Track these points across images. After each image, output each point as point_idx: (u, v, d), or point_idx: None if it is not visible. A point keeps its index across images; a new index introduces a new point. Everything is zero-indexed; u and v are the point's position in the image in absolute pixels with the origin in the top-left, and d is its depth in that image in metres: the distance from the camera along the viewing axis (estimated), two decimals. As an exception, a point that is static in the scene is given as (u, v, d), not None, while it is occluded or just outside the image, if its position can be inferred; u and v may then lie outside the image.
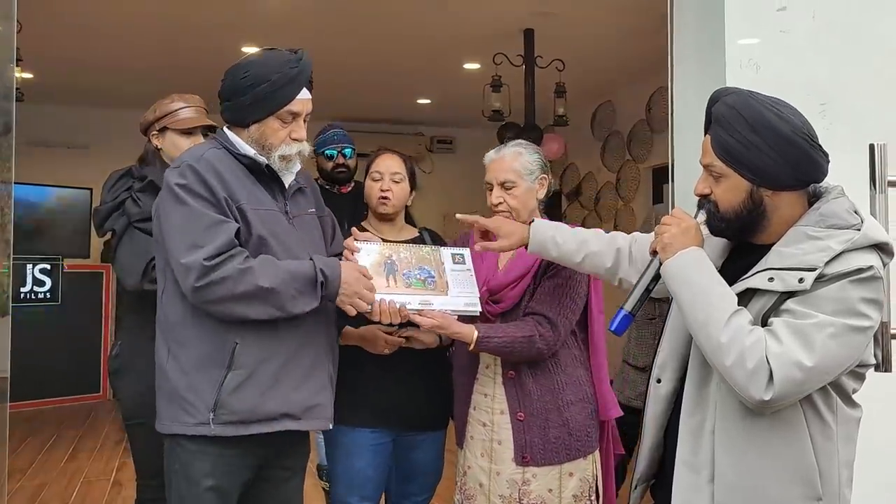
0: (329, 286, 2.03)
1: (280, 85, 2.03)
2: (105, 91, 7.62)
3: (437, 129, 9.64)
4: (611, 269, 2.02)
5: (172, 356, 2.02)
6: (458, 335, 2.25)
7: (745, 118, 1.57)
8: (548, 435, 2.29)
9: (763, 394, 1.46)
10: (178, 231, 1.96)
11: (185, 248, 1.93)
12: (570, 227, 2.14)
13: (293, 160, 2.12)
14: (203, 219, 1.95)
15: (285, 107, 2.06)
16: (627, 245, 2.02)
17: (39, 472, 5.16)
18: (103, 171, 9.15)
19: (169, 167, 2.07)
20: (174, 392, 2.00)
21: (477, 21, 5.64)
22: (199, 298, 1.93)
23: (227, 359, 1.98)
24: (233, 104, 2.07)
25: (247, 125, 2.08)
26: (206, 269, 1.90)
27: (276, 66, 2.03)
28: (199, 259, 1.90)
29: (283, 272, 1.97)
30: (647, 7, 4.90)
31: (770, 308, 1.54)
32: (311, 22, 5.65)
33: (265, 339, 2.01)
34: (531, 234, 2.12)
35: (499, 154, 2.43)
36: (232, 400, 1.97)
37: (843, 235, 1.53)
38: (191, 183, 1.97)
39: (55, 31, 5.67)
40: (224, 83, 2.08)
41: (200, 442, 2.00)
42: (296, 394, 2.05)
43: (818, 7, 2.46)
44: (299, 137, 2.10)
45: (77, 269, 7.50)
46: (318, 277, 2.00)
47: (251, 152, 2.08)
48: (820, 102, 2.39)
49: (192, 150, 2.13)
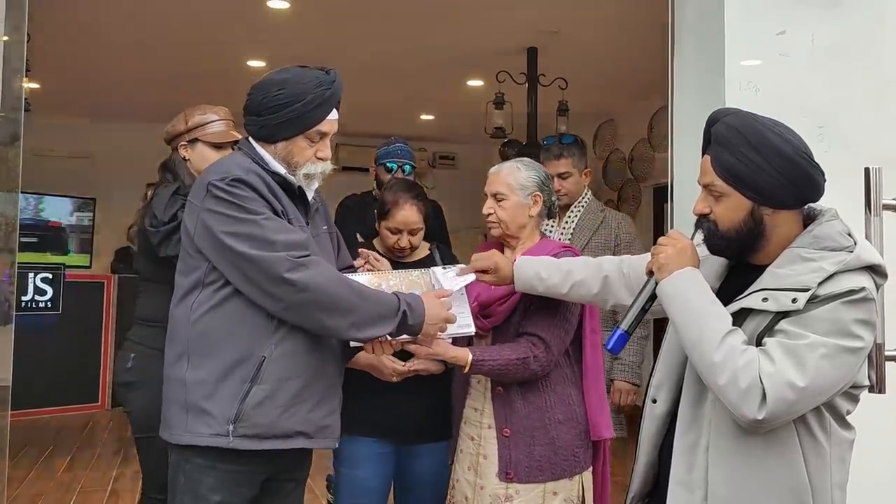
0: (413, 316, 2.04)
1: (314, 105, 2.04)
2: (108, 102, 7.67)
3: (440, 144, 9.70)
4: (599, 295, 2.04)
5: (192, 366, 2.00)
6: (454, 359, 2.26)
7: (747, 138, 1.59)
8: (533, 452, 2.29)
9: (756, 413, 1.47)
10: (248, 237, 1.92)
11: (261, 249, 1.91)
12: (555, 259, 2.18)
13: (315, 179, 2.13)
14: (273, 223, 1.95)
15: (315, 127, 2.07)
16: (616, 268, 2.04)
17: (36, 482, 5.15)
18: (106, 180, 9.19)
19: (211, 178, 2.00)
20: (190, 402, 1.99)
21: (481, 39, 5.68)
22: (283, 294, 1.91)
23: (252, 372, 1.97)
24: (263, 120, 2.06)
25: (274, 142, 2.08)
26: (295, 264, 1.89)
27: (311, 86, 2.03)
28: (283, 254, 1.90)
29: (368, 294, 2.01)
30: (649, 27, 4.93)
31: (764, 328, 1.56)
32: (314, 37, 5.70)
33: (290, 358, 2.01)
34: (515, 272, 2.17)
35: (498, 168, 2.48)
36: (254, 413, 1.97)
37: (835, 257, 1.55)
38: (245, 192, 1.96)
39: (60, 41, 5.71)
40: (253, 98, 2.06)
41: (210, 456, 1.99)
42: (312, 414, 2.06)
43: (817, 31, 2.49)
44: (324, 157, 2.12)
45: (78, 278, 7.51)
46: (401, 307, 2.02)
47: (282, 171, 2.07)
48: (818, 125, 2.41)
49: (230, 161, 2.09)
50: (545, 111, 6.09)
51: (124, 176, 8.13)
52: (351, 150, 9.26)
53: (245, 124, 2.12)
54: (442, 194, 9.28)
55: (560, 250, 2.41)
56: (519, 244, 2.46)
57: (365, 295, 2.00)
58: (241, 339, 1.98)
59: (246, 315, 1.98)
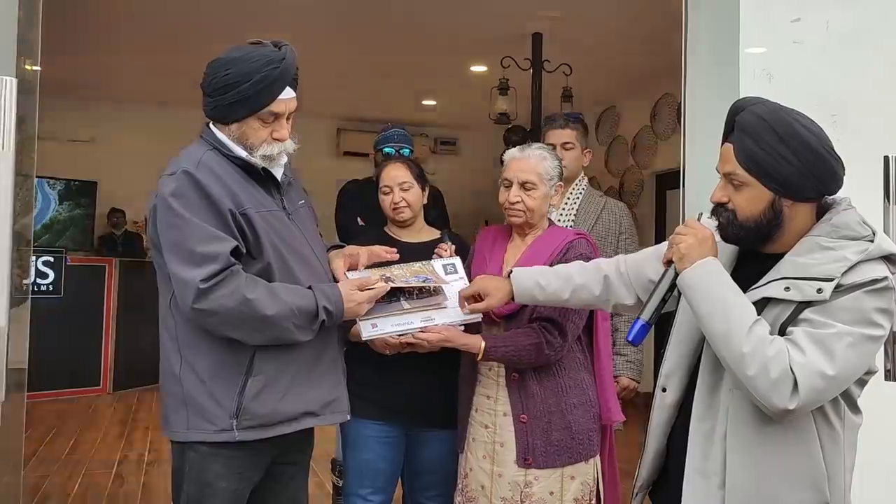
0: (332, 319, 2.03)
1: (262, 86, 1.96)
2: (109, 85, 7.64)
3: (441, 130, 9.67)
4: (601, 297, 2.02)
5: (187, 364, 1.99)
6: (466, 346, 2.27)
7: (774, 129, 1.58)
8: (550, 437, 2.30)
9: (787, 403, 1.48)
10: (175, 245, 1.91)
11: (182, 264, 1.89)
12: (549, 267, 2.15)
13: (277, 159, 2.08)
14: (199, 232, 1.90)
15: (266, 107, 1.99)
16: (614, 269, 2.02)
17: (41, 465, 5.16)
18: (108, 163, 9.17)
19: (163, 174, 1.99)
20: (190, 399, 1.98)
21: (485, 24, 5.66)
22: (196, 318, 1.92)
23: (245, 365, 1.97)
24: (214, 101, 2.00)
25: (227, 123, 2.02)
26: (202, 291, 1.86)
27: (259, 65, 1.95)
28: (196, 280, 1.86)
29: (283, 306, 1.94)
30: (655, 15, 4.92)
31: (788, 318, 1.56)
32: (318, 22, 5.66)
33: (283, 347, 2.00)
34: (514, 284, 2.13)
35: (523, 153, 2.42)
36: (254, 405, 1.97)
37: (857, 246, 1.55)
38: (186, 192, 1.92)
39: (60, 23, 5.67)
40: (206, 78, 2.00)
41: (216, 445, 1.99)
42: (314, 391, 2.06)
43: (832, 18, 2.48)
44: (281, 137, 2.04)
45: (80, 262, 7.50)
46: (319, 315, 1.99)
47: (243, 154, 2.02)
48: (832, 113, 2.40)
49: (186, 153, 2.03)
50: (549, 97, 6.07)
51: (125, 159, 8.14)
52: (353, 135, 9.25)
53: (202, 105, 2.04)
54: (443, 179, 9.32)
55: (574, 238, 2.41)
56: (532, 232, 2.45)
57: (281, 311, 1.93)
58: (226, 337, 1.97)
59: None
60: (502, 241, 2.52)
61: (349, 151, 9.13)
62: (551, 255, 2.37)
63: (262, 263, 2.00)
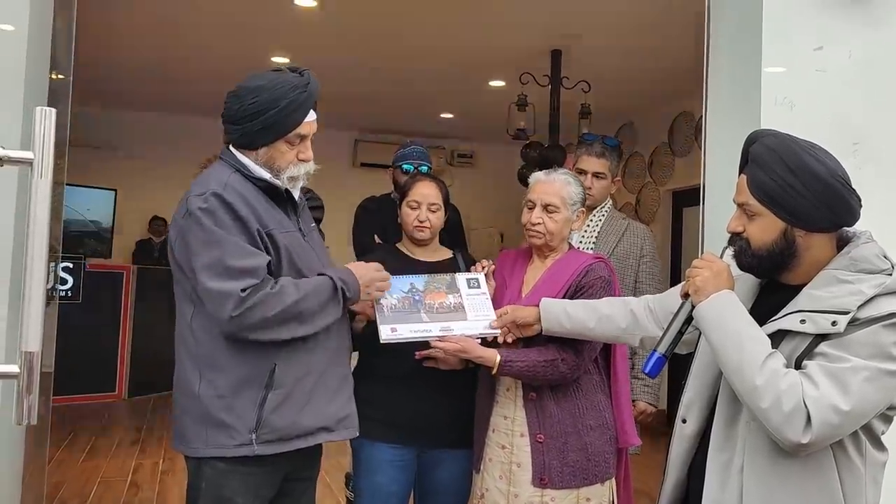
0: (350, 290, 2.11)
1: (291, 110, 2.05)
2: (131, 94, 7.72)
3: (458, 143, 9.70)
4: (626, 329, 2.06)
5: (206, 380, 2.02)
6: (481, 359, 2.29)
7: (784, 160, 1.61)
8: (566, 458, 2.31)
9: (801, 437, 1.48)
10: (211, 260, 1.95)
11: (218, 278, 1.94)
12: (577, 300, 2.24)
13: (300, 180, 2.16)
14: (236, 248, 1.96)
15: (294, 130, 2.08)
16: (642, 305, 2.06)
17: (57, 471, 5.19)
18: (130, 172, 9.22)
19: (190, 193, 2.04)
20: (208, 416, 2.01)
21: (505, 40, 5.69)
22: (235, 326, 1.96)
23: (265, 379, 2.01)
24: (241, 128, 2.07)
25: (255, 148, 2.09)
26: (241, 299, 1.92)
27: (284, 91, 2.03)
28: (237, 289, 1.92)
29: (305, 289, 2.02)
30: (673, 33, 4.94)
31: (804, 351, 1.57)
32: (339, 35, 5.72)
33: (301, 357, 2.05)
34: (542, 312, 2.21)
35: (549, 177, 2.47)
36: (274, 418, 2.01)
37: (874, 280, 1.56)
38: (217, 211, 1.98)
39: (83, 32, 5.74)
40: (230, 107, 2.08)
41: (232, 461, 2.01)
42: (329, 407, 2.10)
43: (854, 47, 2.49)
44: (306, 158, 2.14)
45: (98, 268, 7.57)
46: (337, 285, 2.08)
47: (266, 176, 2.09)
48: (853, 142, 2.42)
49: (212, 174, 2.09)
50: (567, 113, 6.09)
51: (146, 167, 8.22)
52: (370, 146, 9.30)
53: (225, 132, 2.12)
54: (459, 192, 9.37)
55: (593, 261, 2.43)
56: (551, 255, 2.48)
57: (304, 295, 2.02)
58: (246, 350, 2.01)
59: None
60: (522, 263, 2.55)
61: (366, 163, 9.18)
62: (570, 277, 2.39)
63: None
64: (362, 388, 2.61)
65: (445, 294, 2.39)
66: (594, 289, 2.35)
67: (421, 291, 2.38)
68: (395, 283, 2.36)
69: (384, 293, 2.31)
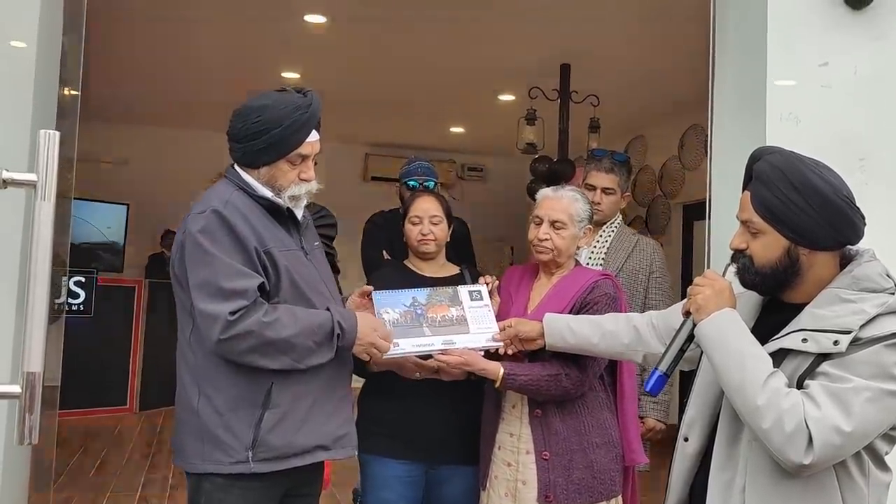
0: (345, 338, 2.08)
1: (292, 130, 2.06)
2: (143, 109, 7.78)
3: (469, 156, 9.73)
4: (630, 345, 2.05)
5: (204, 397, 2.04)
6: (484, 371, 2.29)
7: (787, 178, 1.60)
8: (571, 475, 2.30)
9: (803, 458, 1.47)
10: (203, 280, 1.97)
11: (209, 299, 1.96)
12: (580, 316, 2.24)
13: (302, 199, 2.17)
14: (227, 269, 1.97)
15: (295, 150, 2.10)
16: (646, 321, 2.06)
17: (67, 485, 5.21)
18: (142, 186, 9.26)
19: (192, 210, 2.07)
20: (206, 432, 2.02)
21: (514, 55, 5.71)
22: (221, 350, 1.97)
23: (262, 398, 2.02)
24: (244, 147, 2.09)
25: (257, 167, 2.11)
26: (229, 323, 1.93)
27: (288, 111, 2.06)
28: (224, 312, 1.93)
29: (302, 325, 2.01)
30: (682, 46, 4.94)
31: (806, 370, 1.56)
32: (348, 51, 5.76)
33: (299, 378, 2.05)
34: (545, 327, 2.21)
35: (556, 194, 2.48)
36: (270, 437, 2.01)
37: (876, 299, 1.55)
38: (215, 230, 1.99)
39: (96, 48, 5.81)
40: (234, 125, 2.10)
41: (231, 477, 2.02)
42: (327, 426, 2.10)
43: (860, 63, 2.49)
44: (308, 178, 2.15)
45: (110, 282, 7.62)
46: (335, 330, 2.06)
47: (269, 194, 2.11)
48: (859, 157, 2.41)
49: (214, 192, 2.12)
50: (576, 127, 6.10)
51: (158, 182, 8.27)
52: (380, 160, 9.33)
53: (229, 150, 2.15)
54: (470, 206, 9.40)
55: (599, 278, 2.43)
56: (558, 271, 2.48)
57: (300, 330, 2.00)
58: (245, 370, 2.02)
59: None
60: (528, 279, 2.55)
61: (377, 176, 9.21)
62: (575, 293, 2.39)
63: (279, 301, 2.05)
64: (371, 405, 2.61)
65: (448, 307, 2.39)
66: (599, 305, 2.35)
67: (423, 305, 2.38)
68: (397, 297, 2.37)
69: (386, 309, 2.32)
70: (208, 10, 5.04)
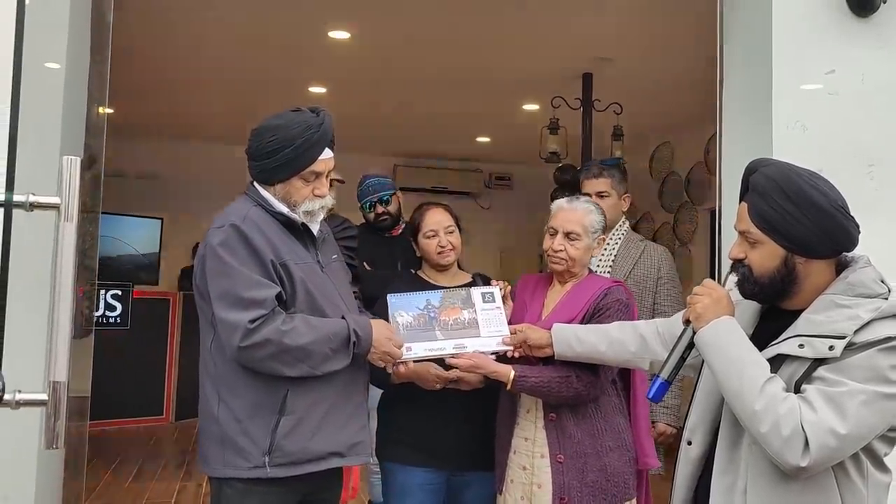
0: (361, 345, 2.18)
1: (304, 149, 2.17)
2: (174, 125, 7.95)
3: (495, 165, 9.77)
4: (636, 353, 2.11)
5: (224, 403, 2.14)
6: (496, 374, 2.35)
7: (783, 189, 1.65)
8: (585, 478, 2.34)
9: (800, 460, 1.51)
10: (223, 291, 2.08)
11: (229, 308, 2.06)
12: (587, 325, 2.30)
13: (317, 214, 2.27)
14: (246, 279, 2.07)
15: (308, 168, 2.20)
16: (652, 329, 2.11)
17: (105, 493, 5.35)
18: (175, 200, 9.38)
19: (213, 225, 2.18)
20: (226, 437, 2.12)
21: (537, 64, 5.75)
22: (242, 357, 2.07)
23: (278, 405, 2.11)
24: (259, 164, 2.21)
25: (272, 184, 2.22)
26: (249, 331, 2.03)
27: (299, 131, 2.16)
28: (244, 320, 2.03)
29: (319, 333, 2.11)
30: (703, 54, 4.94)
31: (802, 375, 1.59)
32: (373, 64, 5.84)
33: (314, 385, 2.14)
34: (553, 336, 2.27)
35: (571, 205, 2.52)
36: (285, 443, 2.10)
37: (870, 304, 1.59)
38: (233, 244, 2.10)
39: (127, 65, 5.97)
40: (251, 144, 2.21)
41: (250, 482, 2.12)
42: (341, 433, 2.19)
43: (867, 71, 2.50)
44: (321, 194, 2.25)
45: (146, 295, 7.79)
46: (350, 337, 2.15)
47: (285, 210, 2.22)
48: (868, 164, 2.43)
49: (234, 208, 2.22)
50: (600, 135, 6.12)
51: (190, 196, 8.43)
52: (408, 170, 9.41)
53: (248, 167, 2.26)
54: (497, 213, 9.44)
55: (612, 285, 2.47)
56: (571, 280, 2.53)
57: (317, 338, 2.10)
58: (263, 377, 2.11)
59: None
60: (542, 287, 2.60)
61: (405, 187, 9.27)
62: (589, 300, 2.44)
63: (294, 311, 2.15)
64: (392, 413, 2.67)
65: (460, 309, 2.46)
66: (612, 310, 2.40)
67: (436, 308, 2.45)
68: (411, 300, 2.45)
69: (400, 312, 2.41)
70: (235, 31, 5.17)
